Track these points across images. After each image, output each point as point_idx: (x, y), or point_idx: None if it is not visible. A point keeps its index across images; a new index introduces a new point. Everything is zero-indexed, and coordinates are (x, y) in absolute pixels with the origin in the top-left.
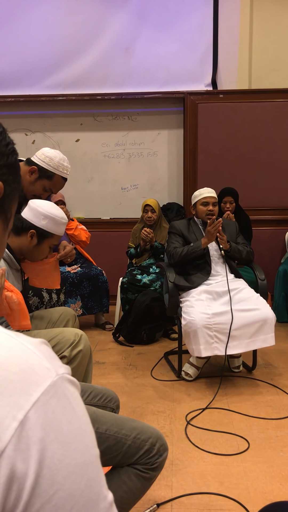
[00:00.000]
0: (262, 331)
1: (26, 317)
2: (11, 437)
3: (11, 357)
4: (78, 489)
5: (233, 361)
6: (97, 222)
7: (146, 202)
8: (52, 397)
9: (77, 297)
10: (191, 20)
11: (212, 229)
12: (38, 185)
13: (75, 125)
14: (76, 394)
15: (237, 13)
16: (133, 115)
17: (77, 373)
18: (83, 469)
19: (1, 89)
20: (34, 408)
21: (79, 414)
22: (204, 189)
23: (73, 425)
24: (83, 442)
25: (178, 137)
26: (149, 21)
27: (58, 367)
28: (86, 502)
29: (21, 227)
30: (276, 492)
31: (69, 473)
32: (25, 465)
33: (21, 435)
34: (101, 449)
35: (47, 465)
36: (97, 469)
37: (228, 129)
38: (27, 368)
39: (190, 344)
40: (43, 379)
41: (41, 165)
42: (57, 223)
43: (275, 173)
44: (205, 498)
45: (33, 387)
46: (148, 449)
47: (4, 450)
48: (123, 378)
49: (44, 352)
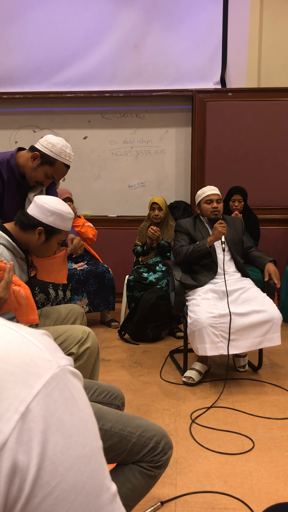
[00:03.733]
0: (268, 331)
1: (34, 311)
2: (12, 429)
3: (11, 349)
4: (81, 481)
5: (239, 360)
6: (104, 220)
7: (153, 200)
8: (53, 389)
9: (83, 294)
10: (201, 18)
11: (220, 226)
12: (40, 171)
13: (83, 122)
14: (78, 386)
15: (247, 11)
16: (141, 113)
17: (84, 370)
18: (85, 461)
19: (10, 85)
20: (35, 400)
21: (81, 406)
22: (206, 187)
23: (75, 417)
24: (85, 434)
25: (186, 135)
26: (158, 19)
27: (59, 359)
28: (88, 494)
29: (28, 224)
30: (281, 492)
31: (71, 465)
32: (27, 457)
33: (22, 428)
34: (105, 447)
35: (49, 457)
36: (99, 461)
37: (237, 127)
38: (28, 360)
39: (195, 343)
40: (45, 371)
41: (43, 151)
42: (64, 219)
43: (284, 173)
44: (209, 496)
45: (34, 379)
46: (153, 447)
47: (6, 442)
48: (128, 376)
49: (45, 343)
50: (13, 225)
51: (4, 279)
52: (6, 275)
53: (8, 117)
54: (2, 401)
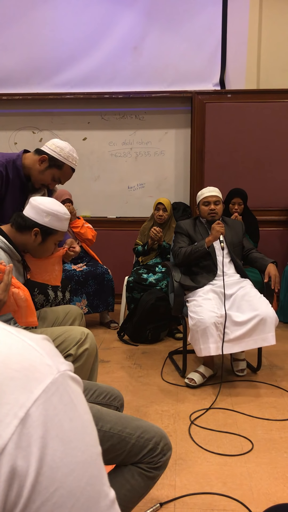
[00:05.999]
0: (262, 330)
1: (33, 313)
2: (12, 434)
3: (11, 354)
4: (79, 487)
5: (237, 364)
6: (103, 221)
7: (158, 201)
8: (53, 395)
9: (83, 295)
10: (200, 19)
11: (218, 225)
12: (48, 174)
13: (83, 123)
14: (78, 391)
15: (246, 13)
16: (141, 114)
17: (82, 371)
18: (84, 467)
19: (9, 87)
20: (35, 406)
21: (81, 411)
22: (205, 189)
23: (75, 423)
24: (84, 440)
25: (185, 137)
26: (157, 20)
27: (59, 364)
28: (87, 500)
29: (24, 225)
30: (280, 494)
31: (70, 471)
32: (26, 463)
33: (22, 433)
34: (104, 448)
35: (47, 462)
36: (98, 467)
37: (236, 129)
38: (28, 365)
39: (199, 343)
40: (44, 376)
41: (52, 154)
42: (60, 219)
43: (283, 174)
44: (208, 498)
45: (34, 384)
46: (152, 448)
47: (5, 447)
48: (127, 377)
49: (45, 348)
50: (9, 227)
51: (4, 281)
52: (6, 277)
53: (7, 118)
54: (2, 406)
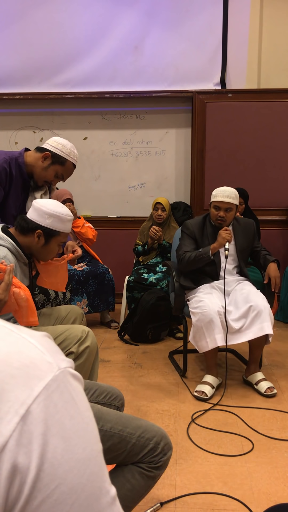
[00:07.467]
0: (258, 321)
1: (33, 313)
2: (12, 431)
3: (12, 351)
4: (80, 484)
5: (261, 385)
6: (104, 221)
7: (157, 200)
8: (54, 392)
9: (83, 295)
10: (200, 19)
11: (224, 232)
12: (51, 171)
13: (83, 123)
14: (79, 388)
15: (247, 12)
16: (141, 114)
17: (83, 369)
18: (85, 464)
19: (10, 86)
20: (36, 403)
21: (82, 408)
22: (220, 190)
23: (75, 420)
24: (85, 437)
25: (186, 136)
26: (158, 20)
27: (60, 361)
28: (87, 497)
29: (27, 227)
30: (280, 494)
31: (71, 468)
32: (27, 460)
33: (23, 430)
34: (105, 447)
35: (48, 459)
36: (99, 464)
37: (237, 128)
38: (28, 362)
39: (204, 338)
40: (45, 373)
41: (54, 151)
42: (62, 221)
43: (284, 174)
44: (209, 497)
45: (34, 382)
46: (153, 447)
47: (6, 444)
48: (128, 377)
49: (46, 345)
50: (14, 230)
51: (4, 281)
52: (7, 277)
53: (8, 118)
54: (3, 404)
